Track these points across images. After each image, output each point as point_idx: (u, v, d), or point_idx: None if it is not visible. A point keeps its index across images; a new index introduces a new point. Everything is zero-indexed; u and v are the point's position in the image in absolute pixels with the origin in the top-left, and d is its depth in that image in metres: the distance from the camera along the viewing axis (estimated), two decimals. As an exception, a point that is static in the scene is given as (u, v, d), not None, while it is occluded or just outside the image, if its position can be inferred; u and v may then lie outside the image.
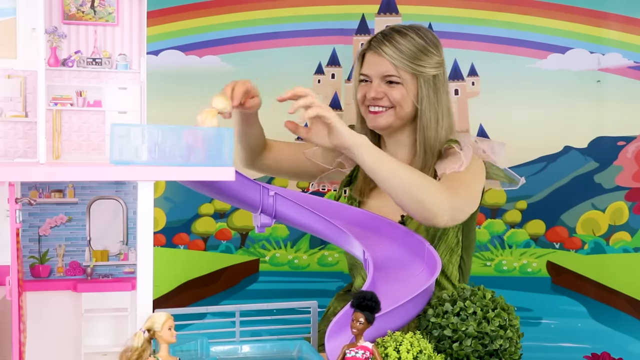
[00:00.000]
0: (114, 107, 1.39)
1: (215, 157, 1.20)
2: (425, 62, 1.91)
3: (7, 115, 1.37)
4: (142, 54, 1.39)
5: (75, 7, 1.37)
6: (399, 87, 1.90)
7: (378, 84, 1.92)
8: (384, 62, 1.91)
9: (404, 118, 1.93)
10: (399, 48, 1.90)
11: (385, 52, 1.90)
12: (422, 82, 1.91)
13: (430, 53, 1.92)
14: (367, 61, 1.95)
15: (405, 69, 1.90)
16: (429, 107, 1.91)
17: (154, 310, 1.18)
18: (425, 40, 1.93)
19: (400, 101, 1.90)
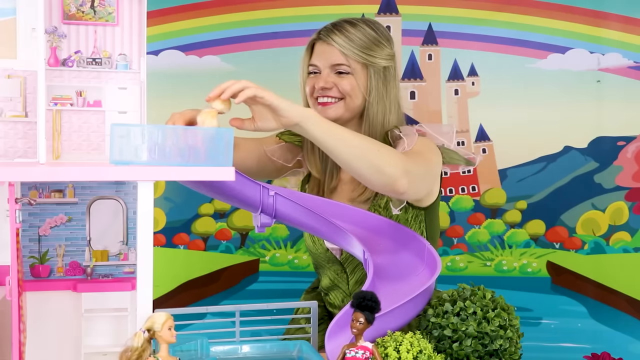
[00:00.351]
0: (114, 107, 1.39)
1: (215, 157, 1.20)
2: (376, 53, 1.88)
3: (7, 115, 1.37)
4: (142, 54, 1.39)
5: (75, 7, 1.37)
6: (349, 77, 1.87)
7: (327, 74, 1.88)
8: (334, 51, 1.87)
9: (354, 110, 1.89)
10: (349, 37, 1.87)
11: (335, 41, 1.87)
12: (372, 72, 1.87)
13: (382, 45, 1.89)
14: (316, 51, 1.91)
15: (355, 58, 1.86)
16: (377, 99, 1.88)
17: (154, 310, 1.18)
18: (377, 32, 1.90)
19: (350, 92, 1.86)
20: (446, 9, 2.52)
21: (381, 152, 1.60)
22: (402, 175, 1.59)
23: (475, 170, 2.57)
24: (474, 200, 2.57)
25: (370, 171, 1.58)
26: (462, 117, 2.55)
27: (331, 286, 1.97)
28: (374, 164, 1.57)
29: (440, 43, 2.54)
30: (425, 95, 2.55)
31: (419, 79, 2.55)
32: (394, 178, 1.58)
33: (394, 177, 1.58)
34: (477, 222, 2.58)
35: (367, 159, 1.57)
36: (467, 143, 2.55)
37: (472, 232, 2.58)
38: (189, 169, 1.18)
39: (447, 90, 2.55)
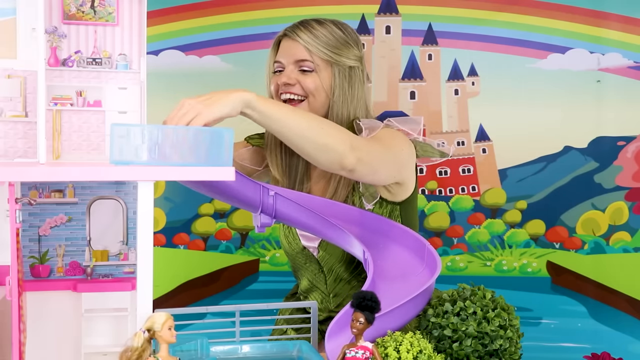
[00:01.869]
0: (114, 107, 1.39)
1: (215, 157, 1.20)
2: (342, 52, 1.86)
3: (7, 115, 1.37)
4: (142, 54, 1.39)
5: (75, 7, 1.37)
6: (313, 75, 1.85)
7: (291, 70, 1.86)
8: (298, 47, 1.85)
9: (318, 109, 1.86)
10: (315, 34, 1.85)
11: (300, 37, 1.85)
12: (336, 71, 1.85)
13: (349, 45, 1.87)
14: (281, 48, 1.89)
15: (319, 55, 1.84)
16: (342, 99, 1.85)
17: (154, 310, 1.18)
18: (344, 33, 1.89)
19: (313, 90, 1.84)
20: (446, 9, 2.52)
21: (325, 129, 1.59)
22: (349, 151, 1.58)
23: (475, 170, 2.57)
24: (474, 200, 2.57)
25: (315, 147, 1.57)
26: (462, 117, 2.55)
27: (310, 287, 1.96)
28: (319, 141, 1.57)
29: (440, 43, 2.54)
30: (425, 95, 2.55)
31: (419, 79, 2.55)
32: (340, 154, 1.57)
33: (339, 152, 1.57)
34: (477, 222, 2.58)
35: (312, 136, 1.57)
36: (467, 143, 2.55)
37: (472, 232, 2.58)
38: (189, 169, 1.18)
39: (447, 90, 2.55)
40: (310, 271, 1.95)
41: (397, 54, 2.55)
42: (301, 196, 1.71)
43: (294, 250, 1.95)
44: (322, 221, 1.56)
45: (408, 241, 1.64)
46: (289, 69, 1.87)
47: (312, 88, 1.85)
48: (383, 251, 1.61)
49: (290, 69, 1.86)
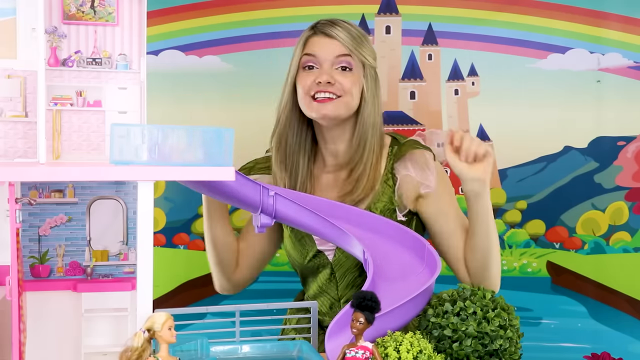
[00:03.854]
0: (114, 107, 1.39)
1: (215, 157, 1.20)
2: (369, 51, 1.86)
3: (7, 115, 1.37)
4: (142, 54, 1.39)
5: (75, 7, 1.37)
6: (350, 74, 1.82)
7: (330, 69, 1.82)
8: (336, 44, 1.82)
9: (351, 109, 1.84)
10: (350, 32, 1.83)
11: (338, 35, 1.82)
12: (367, 71, 1.84)
13: (369, 42, 1.87)
14: (315, 44, 1.84)
15: (356, 54, 1.82)
16: (372, 99, 1.85)
17: (154, 310, 1.18)
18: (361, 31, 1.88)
19: (351, 89, 1.81)
20: (446, 9, 2.52)
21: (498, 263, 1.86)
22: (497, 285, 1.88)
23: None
24: (474, 200, 2.57)
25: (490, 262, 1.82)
26: (462, 117, 2.55)
27: (318, 293, 1.95)
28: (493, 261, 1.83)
29: (440, 43, 2.53)
30: (425, 95, 2.55)
31: (419, 79, 2.55)
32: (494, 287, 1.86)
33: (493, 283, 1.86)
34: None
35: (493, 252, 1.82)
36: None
37: (472, 232, 2.57)
38: (189, 169, 1.18)
39: (447, 90, 2.55)
40: (321, 277, 1.93)
41: (397, 54, 2.54)
42: (301, 196, 1.71)
43: (306, 256, 1.93)
44: (322, 221, 1.56)
45: (408, 241, 1.64)
46: (325, 66, 1.82)
47: (349, 87, 1.81)
48: (383, 251, 1.61)
49: (327, 66, 1.82)
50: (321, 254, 1.91)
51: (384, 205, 1.86)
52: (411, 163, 1.87)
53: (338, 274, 1.91)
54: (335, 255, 1.89)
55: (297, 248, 1.94)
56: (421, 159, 1.87)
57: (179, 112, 2.47)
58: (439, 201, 1.88)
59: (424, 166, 1.86)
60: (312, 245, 1.91)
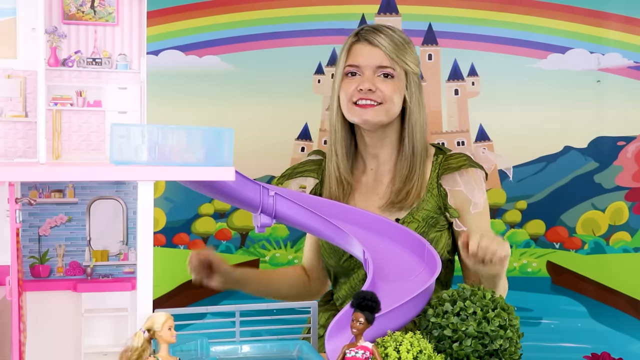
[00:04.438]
0: (114, 107, 1.39)
1: (215, 157, 1.20)
2: (412, 57, 1.88)
3: (7, 115, 1.37)
4: (142, 54, 1.39)
5: (75, 7, 1.37)
6: (392, 81, 1.85)
7: (372, 76, 1.85)
8: (379, 52, 1.84)
9: (392, 116, 1.87)
10: (393, 40, 1.85)
11: (380, 43, 1.84)
12: (411, 78, 1.86)
13: (412, 49, 1.89)
14: (358, 52, 1.87)
15: (398, 61, 1.84)
16: (418, 106, 1.88)
17: (154, 310, 1.18)
18: (405, 37, 1.90)
19: (393, 96, 1.84)
20: (446, 9, 2.52)
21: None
22: None
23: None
24: (474, 200, 2.57)
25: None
26: (462, 117, 2.54)
27: (350, 294, 1.95)
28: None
29: (440, 43, 2.53)
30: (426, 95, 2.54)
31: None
32: None
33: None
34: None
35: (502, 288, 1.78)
36: (467, 143, 2.55)
37: (472, 232, 2.57)
38: (189, 169, 1.18)
39: (447, 90, 2.55)
40: (354, 278, 1.94)
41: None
42: (301, 196, 1.71)
43: (342, 258, 1.93)
44: (323, 221, 1.56)
45: (408, 241, 1.64)
46: (368, 73, 1.85)
47: (390, 94, 1.84)
48: (383, 251, 1.61)
49: (369, 74, 1.85)
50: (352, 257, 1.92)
51: (427, 213, 1.88)
52: (462, 179, 1.88)
53: None
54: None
55: (333, 249, 1.95)
56: (474, 178, 1.89)
57: (179, 112, 2.47)
58: (480, 221, 1.90)
59: (474, 185, 1.88)
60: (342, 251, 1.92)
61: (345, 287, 1.96)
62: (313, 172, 2.00)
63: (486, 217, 1.93)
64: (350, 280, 1.95)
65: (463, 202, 1.88)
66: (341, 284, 1.98)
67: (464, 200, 1.88)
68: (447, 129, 2.54)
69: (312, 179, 1.99)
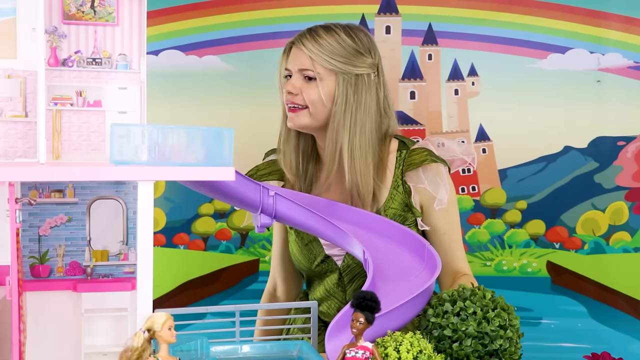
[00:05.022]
0: (114, 107, 1.39)
1: (215, 157, 1.20)
2: (349, 61, 1.84)
3: (7, 115, 1.37)
4: (142, 54, 1.39)
5: (75, 7, 1.37)
6: (315, 84, 1.84)
7: (296, 79, 1.86)
8: (303, 55, 1.85)
9: (320, 119, 1.85)
10: (319, 42, 1.84)
11: (305, 46, 1.84)
12: (340, 80, 1.83)
13: (359, 54, 1.85)
14: (290, 55, 1.89)
15: (322, 63, 1.83)
16: (344, 107, 1.83)
17: (154, 310, 1.18)
18: (355, 40, 1.86)
19: (314, 100, 1.83)
20: (446, 9, 2.52)
21: None
22: None
23: (475, 170, 2.57)
24: (474, 200, 2.57)
25: None
26: (462, 117, 2.54)
27: (325, 297, 1.95)
28: None
29: (440, 43, 2.53)
30: (425, 95, 2.55)
31: (419, 79, 2.55)
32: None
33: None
34: (477, 222, 2.58)
35: None
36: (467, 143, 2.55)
37: (472, 232, 2.58)
38: (189, 169, 1.18)
39: (447, 90, 2.55)
40: (328, 281, 1.93)
41: (397, 54, 2.54)
42: (301, 196, 1.71)
43: (314, 261, 1.93)
44: (322, 222, 1.56)
45: (408, 241, 1.64)
46: (294, 77, 1.87)
47: (313, 98, 1.84)
48: (383, 251, 1.62)
49: (295, 78, 1.86)
50: (329, 259, 1.91)
51: (394, 212, 1.87)
52: (425, 175, 1.87)
53: (346, 279, 1.91)
54: (345, 261, 1.89)
55: (303, 253, 1.94)
56: (437, 173, 1.87)
57: (179, 112, 2.47)
58: (446, 217, 1.89)
59: (439, 181, 1.86)
60: (320, 250, 1.91)
61: (320, 289, 1.96)
62: (276, 173, 1.99)
63: (453, 213, 1.91)
64: (323, 283, 1.94)
65: (427, 199, 1.87)
66: (315, 285, 1.99)
67: (428, 197, 1.87)
68: (447, 129, 2.54)
69: (275, 182, 1.97)
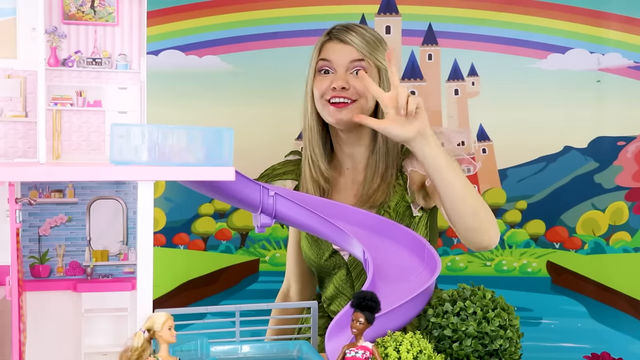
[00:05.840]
0: (114, 107, 1.39)
1: (215, 157, 1.20)
2: (384, 56, 1.86)
3: (7, 115, 1.37)
4: (142, 54, 1.39)
5: (75, 7, 1.37)
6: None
7: (344, 74, 1.85)
8: (351, 49, 1.84)
9: (367, 113, 1.86)
10: (364, 37, 1.85)
11: (352, 40, 1.84)
12: (384, 75, 1.85)
13: (384, 46, 1.89)
14: (330, 49, 1.87)
15: (370, 58, 1.85)
16: None
17: (154, 310, 1.18)
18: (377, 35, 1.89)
19: (365, 92, 1.83)
20: (446, 9, 2.52)
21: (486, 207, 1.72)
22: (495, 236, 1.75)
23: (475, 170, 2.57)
24: (474, 200, 2.57)
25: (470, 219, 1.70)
26: (462, 117, 2.55)
27: (335, 294, 1.96)
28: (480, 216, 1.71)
29: (440, 43, 2.54)
30: (425, 95, 2.55)
31: (419, 79, 2.55)
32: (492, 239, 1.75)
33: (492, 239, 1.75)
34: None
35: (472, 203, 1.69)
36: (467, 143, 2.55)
37: (472, 232, 2.57)
38: (189, 169, 1.18)
39: (447, 90, 2.55)
40: (337, 277, 1.94)
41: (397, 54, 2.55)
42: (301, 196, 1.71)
43: (322, 256, 1.94)
44: (322, 221, 1.56)
45: (408, 241, 1.64)
46: (340, 71, 1.85)
47: (363, 91, 1.83)
48: (383, 251, 1.61)
49: (342, 71, 1.85)
50: (337, 254, 1.92)
51: (396, 203, 1.89)
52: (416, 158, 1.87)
53: (354, 274, 1.92)
54: (351, 256, 1.90)
55: (313, 248, 1.95)
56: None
57: (179, 112, 2.48)
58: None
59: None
60: (328, 245, 1.92)
61: (330, 287, 1.97)
62: (292, 173, 2.00)
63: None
64: (333, 280, 1.96)
65: (420, 178, 1.89)
66: (326, 284, 2.00)
67: (420, 177, 1.89)
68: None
69: (290, 182, 1.99)
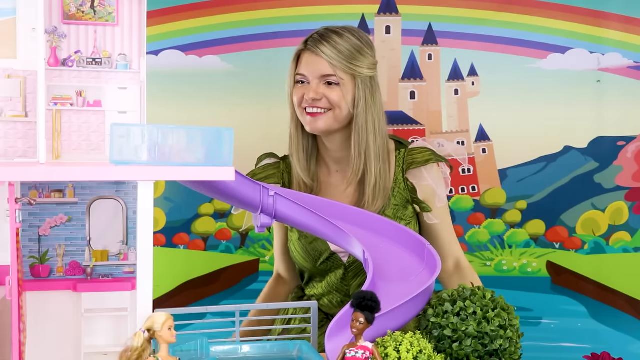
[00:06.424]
0: (114, 107, 1.39)
1: (215, 157, 1.20)
2: (362, 63, 1.89)
3: (7, 115, 1.37)
4: (142, 54, 1.39)
5: (75, 7, 1.37)
6: (337, 88, 1.88)
7: (317, 85, 1.88)
8: (322, 62, 1.87)
9: (342, 121, 1.90)
10: (337, 48, 1.87)
11: (323, 52, 1.87)
12: (359, 82, 1.88)
13: (366, 53, 1.90)
14: (303, 61, 1.91)
15: (343, 69, 1.87)
16: (365, 109, 1.89)
17: (154, 310, 1.18)
18: (361, 41, 1.91)
19: (339, 103, 1.87)
20: (446, 9, 2.52)
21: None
22: None
23: (475, 170, 2.57)
24: (474, 200, 2.57)
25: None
26: (462, 117, 2.54)
27: (326, 292, 1.97)
28: None
29: (440, 43, 2.53)
30: (425, 95, 2.55)
31: (419, 79, 2.55)
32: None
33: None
34: (477, 222, 2.58)
35: None
36: (467, 143, 2.55)
37: (472, 232, 2.58)
38: (189, 169, 1.18)
39: (447, 90, 2.55)
40: (332, 277, 1.95)
41: (397, 54, 2.54)
42: (301, 196, 1.71)
43: (318, 259, 1.94)
44: (322, 221, 1.56)
45: (408, 241, 1.64)
46: (314, 83, 1.89)
47: (337, 101, 1.87)
48: (383, 251, 1.61)
49: (315, 83, 1.89)
50: (334, 256, 1.93)
51: (396, 208, 1.92)
52: (429, 173, 1.94)
53: (351, 275, 1.93)
54: (350, 257, 1.91)
55: (307, 252, 1.96)
56: (438, 172, 1.96)
57: (179, 112, 2.47)
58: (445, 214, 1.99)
59: (440, 180, 1.96)
60: (326, 247, 1.92)
61: (320, 285, 1.98)
62: (274, 177, 2.01)
63: (448, 211, 2.01)
64: (325, 279, 1.97)
65: (430, 195, 1.95)
66: (315, 282, 2.00)
67: (431, 193, 1.94)
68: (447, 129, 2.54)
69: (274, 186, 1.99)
